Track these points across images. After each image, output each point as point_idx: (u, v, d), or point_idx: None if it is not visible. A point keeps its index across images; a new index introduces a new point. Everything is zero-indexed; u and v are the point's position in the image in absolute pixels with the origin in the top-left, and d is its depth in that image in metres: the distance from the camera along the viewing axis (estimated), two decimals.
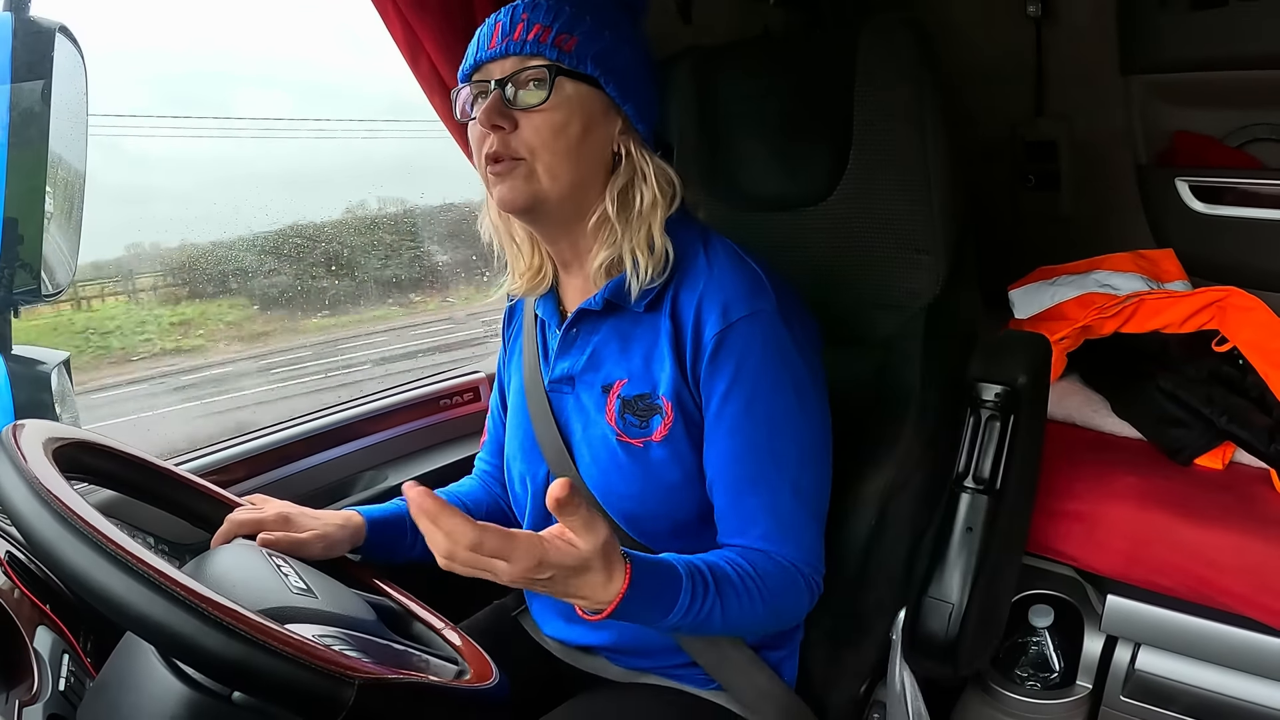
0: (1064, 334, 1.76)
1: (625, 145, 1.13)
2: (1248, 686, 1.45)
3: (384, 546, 1.26)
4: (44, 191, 1.20)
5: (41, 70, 1.18)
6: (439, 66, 1.56)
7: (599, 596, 0.92)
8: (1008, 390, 1.30)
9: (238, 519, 1.14)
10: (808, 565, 1.11)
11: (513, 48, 1.08)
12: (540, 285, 1.24)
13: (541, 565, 0.86)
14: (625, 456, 1.14)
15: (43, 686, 0.86)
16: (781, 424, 1.10)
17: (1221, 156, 1.96)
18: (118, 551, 0.72)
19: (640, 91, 1.14)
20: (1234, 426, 1.58)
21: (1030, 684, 1.57)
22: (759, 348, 1.09)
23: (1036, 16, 2.02)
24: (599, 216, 1.13)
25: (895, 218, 1.35)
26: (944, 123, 1.32)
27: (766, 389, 1.10)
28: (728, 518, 1.12)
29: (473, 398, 1.96)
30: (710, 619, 1.02)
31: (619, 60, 1.11)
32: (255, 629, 0.73)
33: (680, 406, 1.12)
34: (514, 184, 1.08)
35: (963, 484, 1.32)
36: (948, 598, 1.30)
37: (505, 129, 1.07)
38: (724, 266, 1.13)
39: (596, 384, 1.17)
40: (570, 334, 1.20)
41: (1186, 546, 1.44)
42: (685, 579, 1.00)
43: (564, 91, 1.08)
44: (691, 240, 1.16)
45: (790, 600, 1.10)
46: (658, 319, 1.14)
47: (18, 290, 1.21)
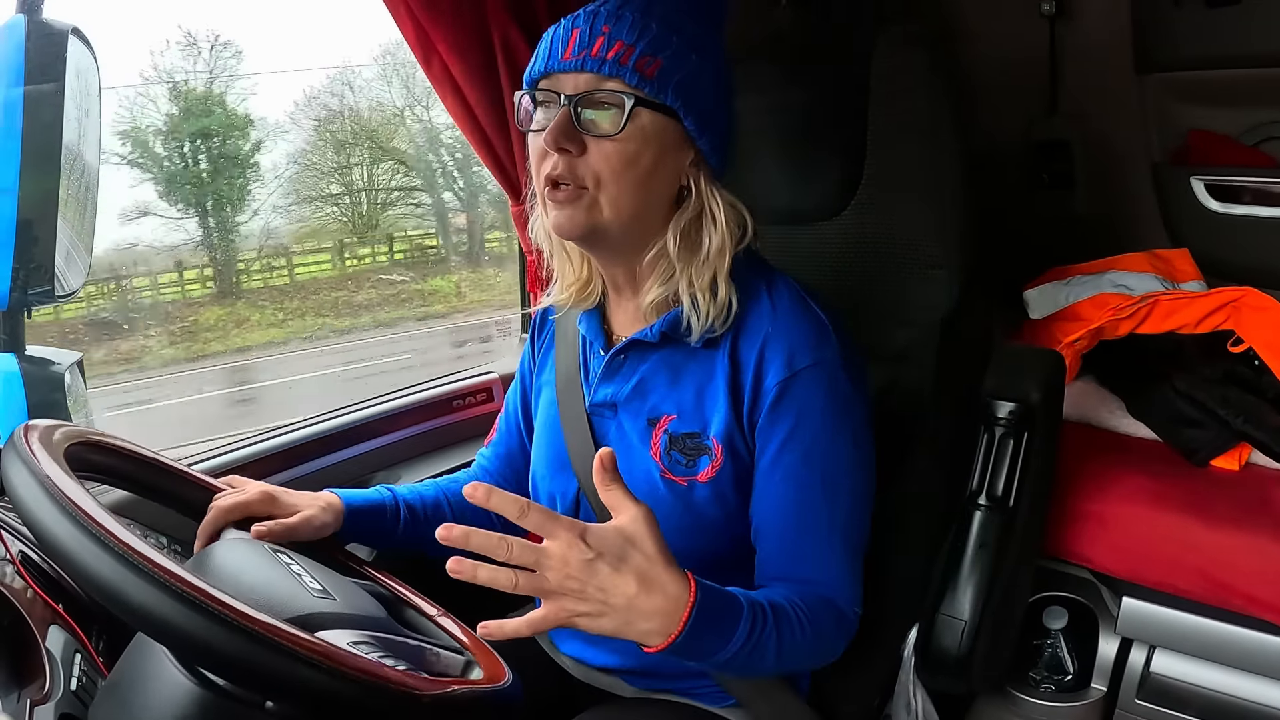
0: (1079, 334, 1.75)
1: (694, 179, 1.08)
2: (1264, 690, 1.44)
3: (361, 532, 1.26)
4: (58, 193, 1.21)
5: (55, 72, 1.18)
6: (451, 66, 1.57)
7: (659, 609, 0.88)
8: (1021, 407, 1.29)
9: (224, 505, 1.12)
10: (849, 605, 1.10)
11: (590, 64, 1.01)
12: (588, 300, 1.19)
13: (584, 540, 0.84)
14: (667, 493, 1.12)
15: (54, 686, 0.86)
16: (836, 474, 1.09)
17: (1237, 155, 1.95)
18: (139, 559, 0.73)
19: (718, 122, 1.08)
20: (1250, 427, 1.57)
21: (1044, 687, 1.56)
22: (822, 398, 1.07)
23: (1050, 15, 2.01)
24: (658, 250, 1.08)
25: (909, 232, 1.34)
26: (958, 135, 1.32)
27: (825, 440, 1.08)
28: (773, 561, 1.10)
29: (486, 398, 1.96)
30: (764, 653, 0.98)
31: (701, 90, 1.04)
32: (324, 654, 0.74)
33: (730, 450, 1.10)
34: (574, 214, 1.03)
35: (976, 501, 1.31)
36: (960, 615, 1.29)
37: (572, 153, 1.01)
38: (788, 311, 1.09)
39: (642, 414, 1.14)
40: (618, 360, 1.17)
41: (1202, 548, 1.43)
42: (745, 606, 0.97)
43: (639, 121, 1.01)
44: (755, 280, 1.12)
45: (833, 641, 1.09)
46: (714, 357, 1.11)
47: (32, 291, 1.22)
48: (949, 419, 1.34)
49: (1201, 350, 1.70)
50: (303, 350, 12.99)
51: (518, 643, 1.33)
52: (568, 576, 0.85)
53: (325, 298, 14.13)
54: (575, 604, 0.86)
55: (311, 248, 14.94)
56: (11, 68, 1.16)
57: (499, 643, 1.25)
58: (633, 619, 0.87)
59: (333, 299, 14.13)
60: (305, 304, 13.97)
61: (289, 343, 13.29)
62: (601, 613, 0.87)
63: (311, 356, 12.57)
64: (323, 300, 14.08)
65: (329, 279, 14.64)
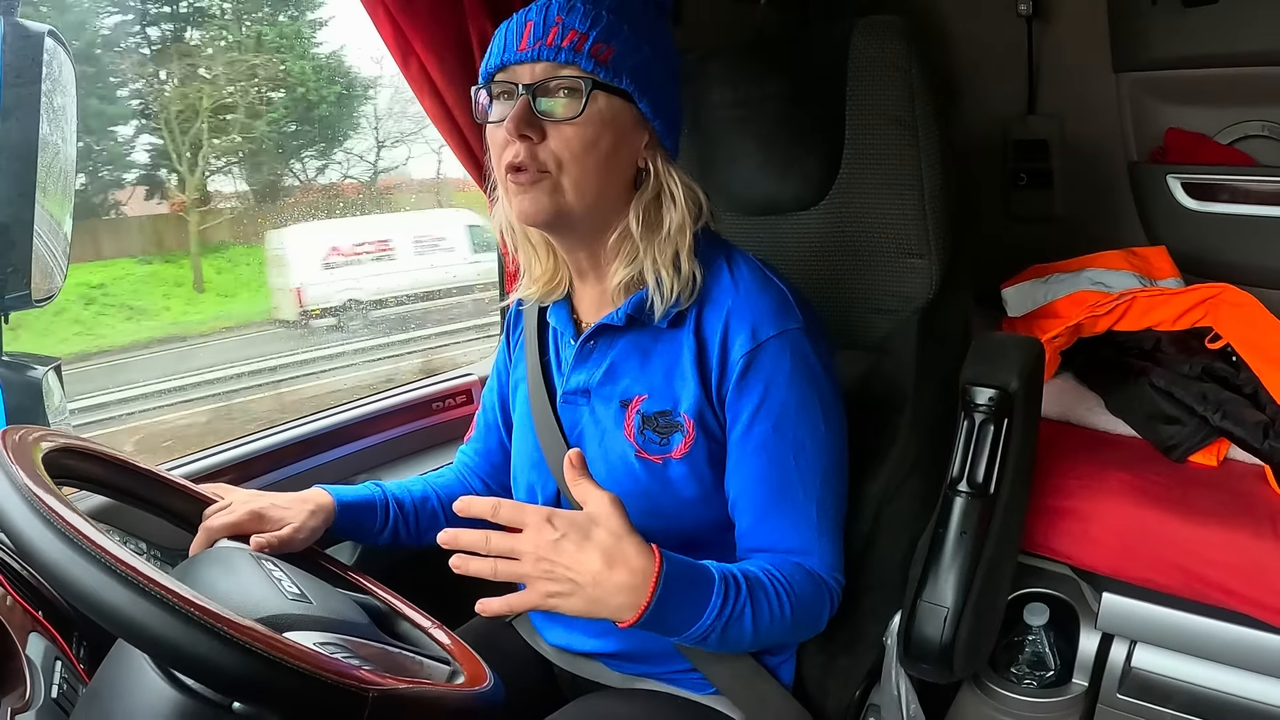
0: (1057, 332, 1.77)
1: (651, 160, 1.11)
2: (1244, 683, 1.45)
3: (351, 530, 1.27)
4: (34, 197, 1.20)
5: (31, 75, 1.17)
6: (429, 67, 1.56)
7: (625, 583, 0.93)
8: (1001, 394, 1.30)
9: (213, 525, 1.13)
10: (831, 576, 1.12)
11: (546, 53, 1.03)
12: (555, 292, 1.21)
13: (550, 522, 0.93)
14: (643, 472, 1.14)
15: (35, 694, 0.86)
16: (807, 442, 1.10)
17: (1213, 154, 1.97)
18: (115, 564, 0.72)
19: (669, 105, 1.11)
20: (1228, 423, 1.58)
21: (1026, 682, 1.57)
22: (788, 367, 1.09)
23: (1028, 15, 2.03)
24: (621, 232, 1.11)
25: (888, 222, 1.35)
26: (936, 125, 1.33)
27: (794, 408, 1.09)
28: (752, 533, 1.12)
29: (465, 400, 1.96)
30: (742, 624, 1.01)
31: (654, 74, 1.08)
32: (267, 643, 0.73)
33: (702, 425, 1.12)
34: (537, 198, 1.05)
35: (957, 488, 1.31)
36: (942, 602, 1.29)
37: (533, 139, 1.03)
38: (750, 284, 1.12)
39: (614, 398, 1.16)
40: (587, 346, 1.18)
41: (1181, 543, 1.44)
42: (717, 577, 1.00)
43: (597, 104, 1.04)
44: (715, 256, 1.15)
45: (814, 609, 1.11)
46: (680, 335, 1.13)
47: (8, 296, 1.21)
48: (928, 407, 1.34)
49: (1179, 347, 1.72)
50: None
51: (503, 637, 1.35)
52: (538, 559, 0.93)
53: None
54: (547, 584, 0.93)
55: None
56: None
57: (487, 639, 1.26)
58: (601, 595, 0.93)
59: None
60: None
61: None
62: (572, 591, 0.93)
63: None
64: None
65: None
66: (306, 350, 7.31)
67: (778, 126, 1.40)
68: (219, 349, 7.47)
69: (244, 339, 7.82)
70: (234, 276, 8.53)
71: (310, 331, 7.67)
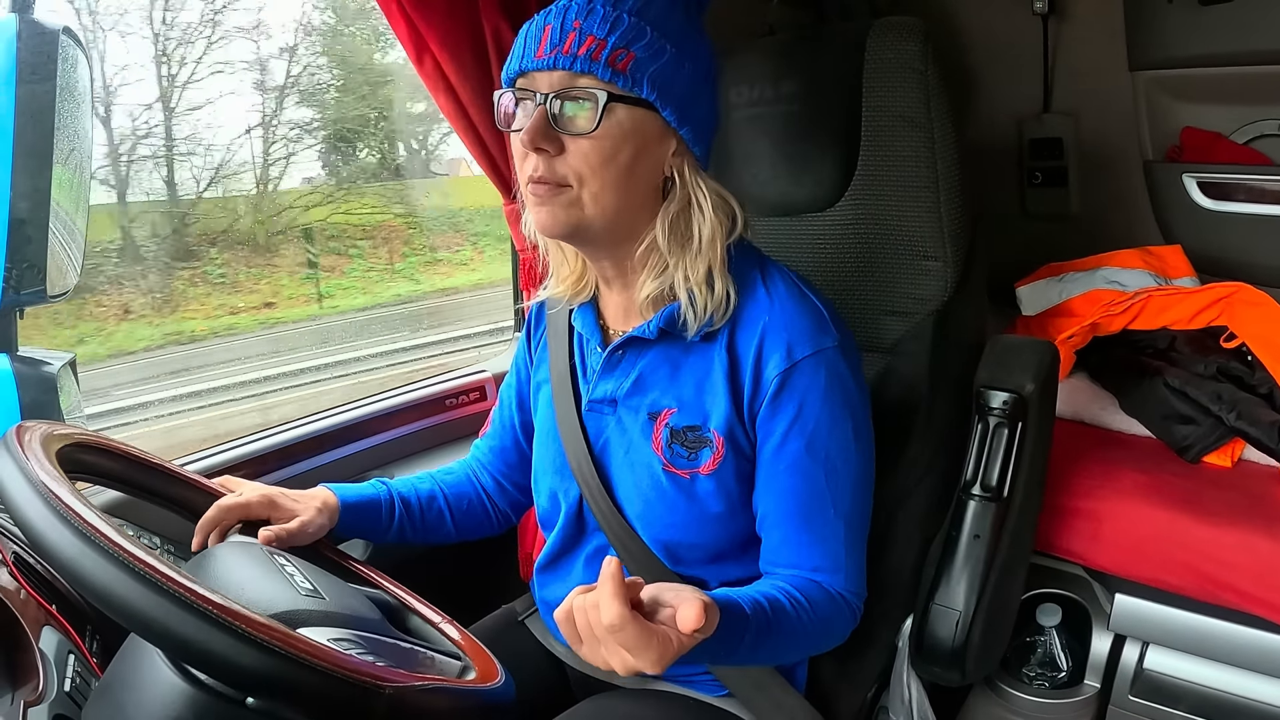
0: (1071, 331, 1.76)
1: (678, 169, 1.07)
2: (1257, 686, 1.44)
3: (357, 529, 1.26)
4: (49, 193, 1.20)
5: (46, 72, 1.18)
6: (444, 65, 1.56)
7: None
8: (1015, 397, 1.29)
9: (225, 504, 1.13)
10: (853, 594, 1.11)
11: (562, 61, 0.99)
12: (583, 293, 1.20)
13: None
14: (670, 486, 1.12)
15: (48, 687, 0.86)
16: (839, 461, 1.09)
17: (1229, 153, 1.96)
18: (132, 560, 0.73)
19: (698, 111, 1.06)
20: (1243, 423, 1.57)
21: (1038, 683, 1.56)
22: (822, 386, 1.07)
23: (1043, 13, 2.02)
24: (648, 244, 1.08)
25: (903, 224, 1.35)
26: (952, 127, 1.32)
27: (826, 427, 1.08)
28: (780, 550, 1.10)
29: (478, 397, 1.96)
30: (767, 649, 0.99)
31: (679, 79, 1.03)
32: (285, 641, 0.73)
33: (731, 441, 1.10)
34: (554, 211, 1.03)
35: (970, 491, 1.31)
36: (955, 605, 1.29)
37: (550, 152, 1.00)
38: (785, 300, 1.09)
39: (642, 409, 1.14)
40: (615, 355, 1.16)
41: (1195, 544, 1.43)
42: (749, 612, 0.95)
43: (615, 116, 1.00)
44: (749, 269, 1.12)
45: (835, 628, 1.10)
46: (711, 350, 1.11)
47: (24, 291, 1.21)
48: (943, 410, 1.34)
49: (1194, 346, 1.71)
50: None
51: (515, 635, 1.35)
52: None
53: None
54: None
55: None
56: (2, 68, 1.16)
57: (498, 637, 1.26)
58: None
59: None
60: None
61: None
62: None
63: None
64: None
65: None
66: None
67: (792, 127, 1.39)
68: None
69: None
70: None
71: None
